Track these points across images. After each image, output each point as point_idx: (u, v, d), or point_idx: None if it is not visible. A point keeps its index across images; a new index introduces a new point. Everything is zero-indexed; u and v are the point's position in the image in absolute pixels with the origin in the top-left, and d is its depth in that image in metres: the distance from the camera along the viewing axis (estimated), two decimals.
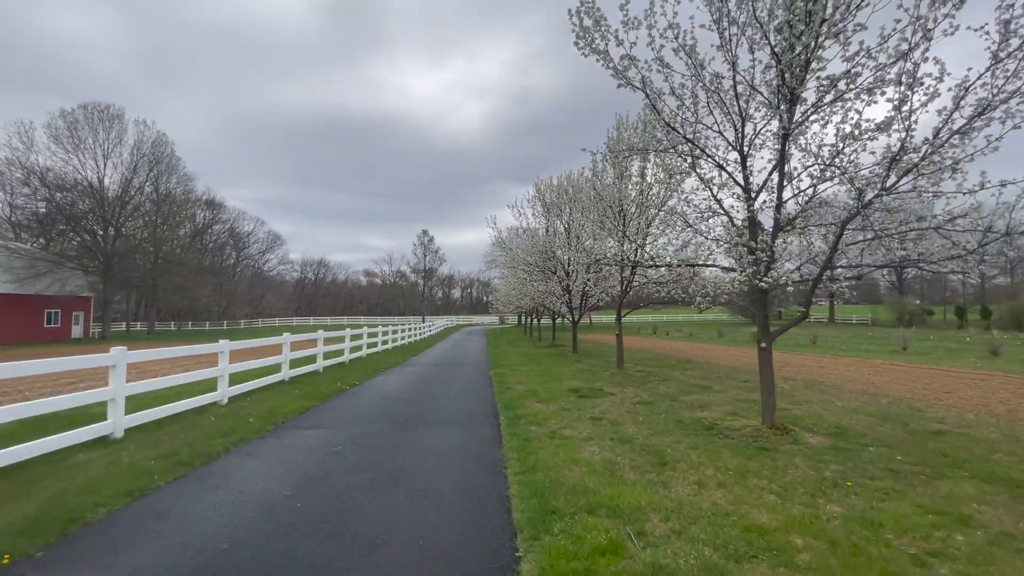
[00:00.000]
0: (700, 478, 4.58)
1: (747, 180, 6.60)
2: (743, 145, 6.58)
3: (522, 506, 3.97)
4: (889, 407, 8.11)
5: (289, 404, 8.46)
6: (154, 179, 42.33)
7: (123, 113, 39.88)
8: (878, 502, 4.02)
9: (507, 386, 10.60)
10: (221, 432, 6.46)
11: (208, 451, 5.60)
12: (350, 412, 7.98)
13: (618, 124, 13.27)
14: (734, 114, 6.48)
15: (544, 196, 19.45)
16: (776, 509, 3.85)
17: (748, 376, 12.18)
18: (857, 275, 6.00)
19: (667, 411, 7.74)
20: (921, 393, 9.66)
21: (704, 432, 6.34)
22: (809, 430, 6.30)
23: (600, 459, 5.22)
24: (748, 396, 9.13)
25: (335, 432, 6.62)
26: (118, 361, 6.22)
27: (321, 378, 11.96)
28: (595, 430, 6.53)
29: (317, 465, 5.15)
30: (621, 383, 10.88)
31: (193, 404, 7.81)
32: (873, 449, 5.50)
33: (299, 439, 6.28)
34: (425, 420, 7.35)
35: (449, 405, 8.58)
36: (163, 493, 4.38)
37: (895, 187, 5.06)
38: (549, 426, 6.79)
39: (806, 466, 4.94)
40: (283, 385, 10.76)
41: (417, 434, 6.51)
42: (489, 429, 6.79)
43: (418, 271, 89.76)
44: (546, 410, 7.92)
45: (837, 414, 7.47)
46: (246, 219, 78.43)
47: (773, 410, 6.15)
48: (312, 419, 7.47)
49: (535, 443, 5.87)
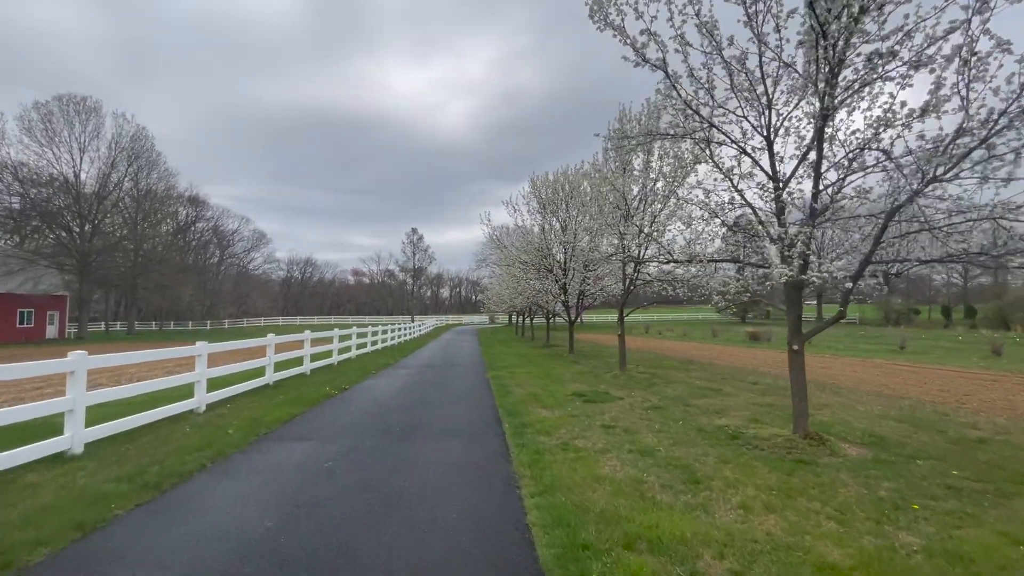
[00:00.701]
0: (743, 500, 4.04)
1: (774, 168, 6.09)
2: (769, 130, 6.08)
3: (546, 539, 3.39)
4: (915, 412, 7.67)
5: (273, 411, 7.79)
6: (133, 174, 40.95)
7: (100, 106, 38.54)
8: (953, 529, 3.51)
9: (507, 390, 10.02)
10: (196, 445, 5.78)
11: (179, 470, 4.93)
12: (340, 420, 7.33)
13: (620, 116, 12.74)
14: (760, 96, 5.98)
15: (540, 192, 18.87)
16: (843, 541, 3.31)
17: (756, 378, 11.73)
18: (896, 272, 5.50)
19: (683, 417, 7.21)
20: (940, 395, 9.27)
21: (730, 442, 5.82)
22: (843, 439, 5.80)
23: (624, 476, 4.65)
24: (763, 400, 8.65)
25: (324, 444, 5.98)
26: (77, 367, 5.51)
27: (308, 382, 11.26)
28: (610, 440, 5.97)
29: (304, 487, 4.51)
30: (626, 386, 10.35)
31: (167, 412, 7.11)
32: (921, 462, 5.01)
33: (284, 453, 5.63)
34: (423, 429, 6.73)
35: (447, 412, 7.97)
36: (121, 526, 3.72)
37: (947, 173, 4.56)
38: (559, 436, 6.22)
39: (855, 483, 4.42)
40: (267, 390, 10.06)
41: (415, 446, 5.89)
42: (494, 440, 6.20)
43: (407, 270, 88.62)
44: (552, 417, 7.35)
45: (865, 420, 7.00)
46: (231, 217, 76.80)
47: (806, 418, 5.64)
48: (299, 429, 6.82)
49: (547, 457, 5.29)
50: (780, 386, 10.40)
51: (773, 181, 6.01)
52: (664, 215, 10.90)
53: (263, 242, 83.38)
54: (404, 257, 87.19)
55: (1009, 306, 41.23)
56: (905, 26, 4.67)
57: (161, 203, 46.61)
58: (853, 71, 5.13)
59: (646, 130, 6.57)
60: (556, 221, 18.45)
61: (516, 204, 19.87)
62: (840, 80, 4.97)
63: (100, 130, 38.49)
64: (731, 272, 7.47)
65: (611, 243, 16.80)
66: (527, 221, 19.76)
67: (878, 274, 5.46)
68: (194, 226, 67.24)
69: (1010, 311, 40.42)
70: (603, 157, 13.71)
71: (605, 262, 16.85)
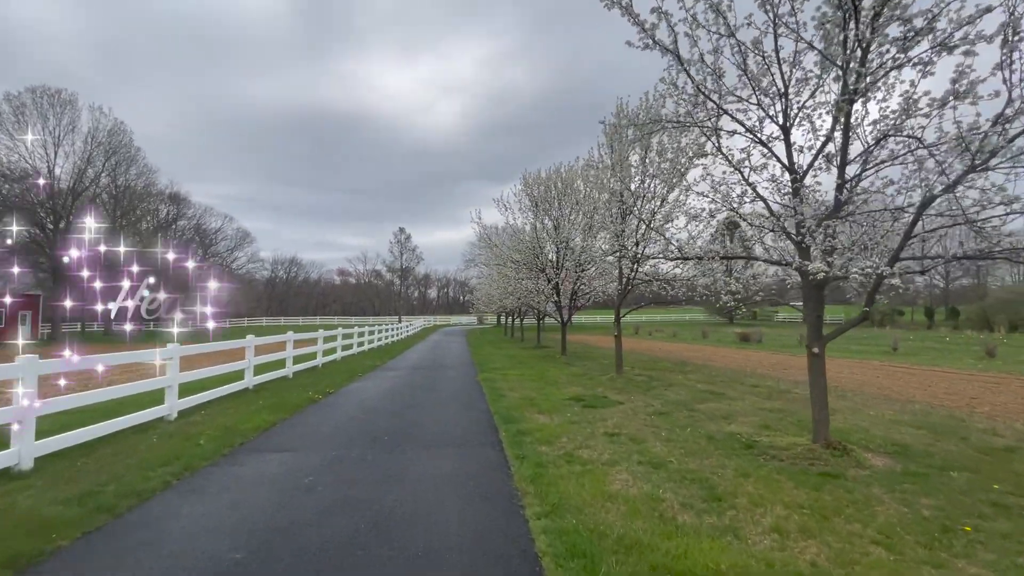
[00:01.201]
0: (774, 521, 3.62)
1: (790, 159, 5.71)
2: (786, 118, 5.70)
3: (561, 573, 2.94)
4: (928, 417, 7.37)
5: (251, 419, 7.23)
6: (111, 170, 39.67)
7: (76, 99, 37.22)
8: (1016, 555, 3.12)
9: (500, 393, 9.55)
10: (162, 459, 5.23)
11: (140, 488, 4.39)
12: (324, 428, 6.80)
13: (617, 111, 12.37)
14: (776, 81, 5.60)
15: (532, 190, 18.43)
16: (900, 573, 2.91)
17: (755, 380, 11.41)
18: (921, 269, 5.15)
19: (690, 424, 6.81)
20: (948, 399, 9.00)
21: (745, 452, 5.41)
22: (866, 448, 5.43)
23: (638, 493, 4.22)
24: (770, 405, 8.30)
25: (305, 456, 5.46)
26: (26, 373, 4.93)
27: (291, 385, 10.68)
28: (617, 450, 5.54)
29: (280, 508, 4.00)
30: (625, 390, 9.95)
31: (133, 421, 6.52)
32: (955, 475, 4.65)
33: (260, 467, 5.10)
34: (413, 438, 6.24)
35: (438, 418, 7.47)
36: (63, 559, 3.18)
37: (990, 161, 4.20)
38: (561, 445, 5.78)
39: (892, 500, 4.04)
40: (246, 394, 9.47)
41: (405, 457, 5.40)
42: (490, 450, 5.73)
43: (394, 270, 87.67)
44: (551, 424, 6.90)
45: (881, 426, 6.66)
46: (213, 215, 75.11)
47: (827, 426, 5.25)
48: (278, 438, 6.28)
49: (551, 470, 4.83)
50: (782, 389, 10.08)
51: (790, 173, 5.63)
52: (664, 212, 10.51)
53: (247, 241, 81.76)
54: (391, 257, 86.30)
55: (991, 308, 41.80)
56: (941, 2, 4.31)
57: (140, 200, 45.30)
58: (879, 53, 4.78)
59: (656, 116, 6.13)
60: (549, 220, 18.04)
61: (507, 202, 19.42)
62: (870, 60, 4.59)
63: (76, 123, 37.21)
64: (739, 269, 7.11)
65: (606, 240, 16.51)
66: (519, 220, 19.33)
67: (904, 271, 5.08)
68: (175, 224, 65.72)
69: (992, 313, 40.96)
70: (599, 152, 13.31)
71: (601, 260, 16.52)
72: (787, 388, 10.26)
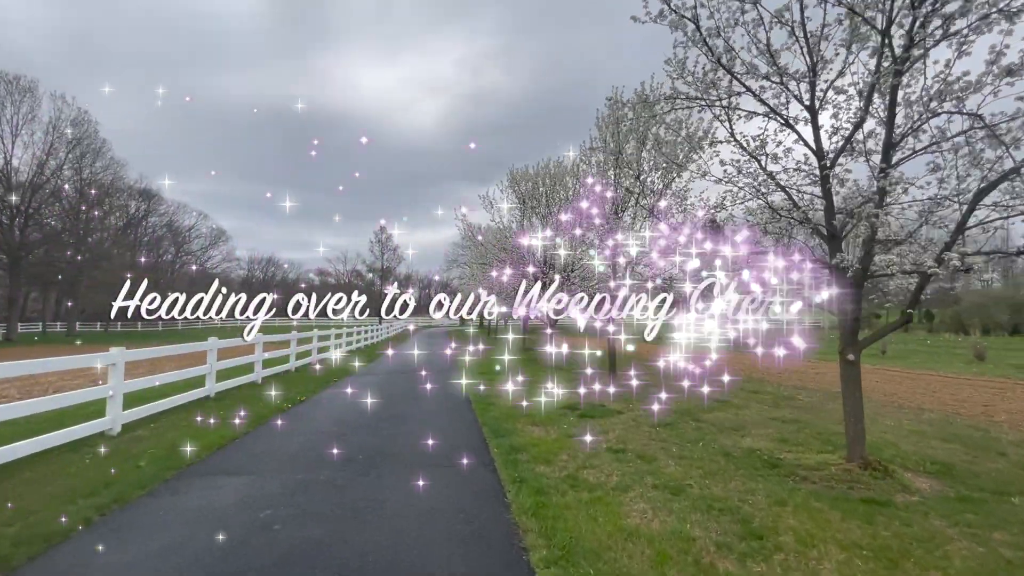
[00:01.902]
0: (837, 568, 2.97)
1: (819, 143, 5.12)
2: (813, 97, 5.11)
3: None
4: (950, 428, 6.88)
5: (207, 433, 6.37)
6: (74, 162, 37.72)
7: (36, 86, 35.21)
8: None
9: (487, 400, 8.82)
10: (90, 486, 4.37)
11: (50, 528, 3.54)
12: (289, 444, 5.98)
13: (611, 102, 11.73)
14: (803, 54, 5.00)
15: (519, 186, 17.74)
16: None
17: (755, 386, 10.89)
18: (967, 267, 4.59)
19: (699, 437, 6.17)
20: (958, 406, 8.58)
21: (771, 473, 4.78)
22: (903, 467, 4.85)
23: (662, 529, 3.53)
24: (779, 414, 7.73)
25: (264, 481, 4.65)
26: None
27: (258, 392, 9.77)
28: (626, 471, 4.86)
29: (227, 556, 3.21)
30: (621, 396, 9.29)
31: (66, 437, 5.59)
32: (1016, 500, 4.09)
33: (208, 496, 4.28)
34: (391, 456, 5.46)
35: (421, 430, 6.70)
36: None
37: None
38: (561, 464, 5.08)
39: (959, 535, 3.43)
40: (206, 403, 8.54)
41: (382, 482, 4.64)
42: (481, 470, 5.00)
43: (375, 270, 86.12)
44: (547, 438, 6.20)
45: (908, 440, 6.13)
46: (187, 212, 72.74)
47: (863, 443, 4.65)
48: (236, 457, 5.45)
49: (555, 499, 4.12)
50: (785, 395, 9.56)
51: (819, 158, 5.04)
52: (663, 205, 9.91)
53: (222, 239, 79.54)
54: (372, 256, 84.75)
55: (966, 311, 42.57)
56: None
57: (108, 194, 43.28)
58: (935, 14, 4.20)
59: (671, 93, 5.48)
60: (536, 218, 17.37)
61: (493, 199, 18.66)
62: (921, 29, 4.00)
63: (36, 112, 35.19)
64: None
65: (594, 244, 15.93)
66: (505, 218, 18.60)
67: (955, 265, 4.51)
68: (146, 221, 63.38)
69: (967, 316, 41.72)
70: (591, 146, 12.67)
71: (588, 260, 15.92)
72: (789, 394, 9.74)
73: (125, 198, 53.99)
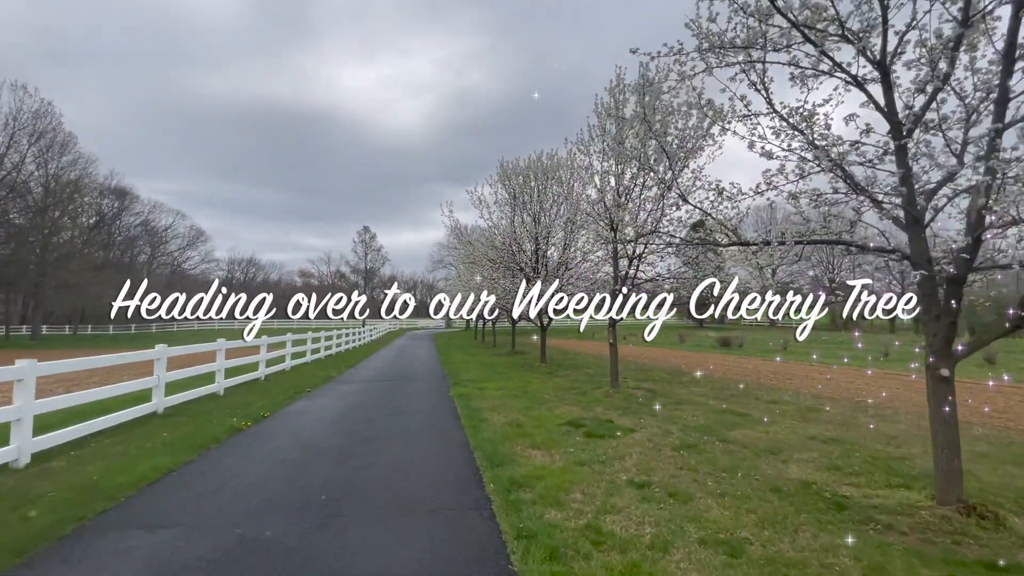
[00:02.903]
0: None
1: (891, 106, 4.17)
2: (884, 53, 4.16)
3: None
4: (1014, 448, 6.00)
5: (139, 462, 5.21)
6: (37, 155, 35.76)
7: None
8: None
9: (479, 416, 7.75)
10: None
11: None
12: (237, 481, 4.84)
13: (611, 88, 10.79)
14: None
15: (510, 181, 16.69)
16: None
17: (771, 395, 9.97)
18: None
19: (735, 464, 5.17)
20: (1002, 419, 7.74)
21: (840, 517, 3.79)
22: (1007, 510, 3.90)
23: None
24: (813, 430, 6.78)
25: (192, 538, 3.53)
26: None
27: (217, 407, 8.56)
28: (660, 517, 3.83)
29: None
30: (628, 409, 8.29)
31: None
32: None
33: (108, 565, 3.15)
34: (362, 499, 4.36)
35: (400, 460, 5.60)
36: None
37: None
38: (576, 508, 4.04)
39: None
40: (151, 421, 7.34)
41: (347, 539, 3.54)
42: (475, 518, 3.93)
43: (359, 271, 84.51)
44: (553, 466, 5.16)
45: (981, 465, 5.21)
46: (164, 212, 70.47)
47: (960, 483, 3.69)
48: (163, 499, 4.31)
49: (577, 567, 3.07)
50: (808, 407, 8.64)
51: (893, 127, 4.08)
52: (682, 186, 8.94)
53: (201, 240, 77.38)
54: (355, 258, 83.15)
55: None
56: None
57: (76, 191, 41.24)
58: None
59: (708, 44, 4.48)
60: (528, 215, 16.33)
61: (482, 195, 17.55)
62: None
63: None
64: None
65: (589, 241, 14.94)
66: (495, 215, 17.50)
67: None
68: (119, 220, 61.07)
69: None
70: (589, 135, 11.67)
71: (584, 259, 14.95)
72: (812, 405, 8.83)
73: (96, 195, 51.96)
